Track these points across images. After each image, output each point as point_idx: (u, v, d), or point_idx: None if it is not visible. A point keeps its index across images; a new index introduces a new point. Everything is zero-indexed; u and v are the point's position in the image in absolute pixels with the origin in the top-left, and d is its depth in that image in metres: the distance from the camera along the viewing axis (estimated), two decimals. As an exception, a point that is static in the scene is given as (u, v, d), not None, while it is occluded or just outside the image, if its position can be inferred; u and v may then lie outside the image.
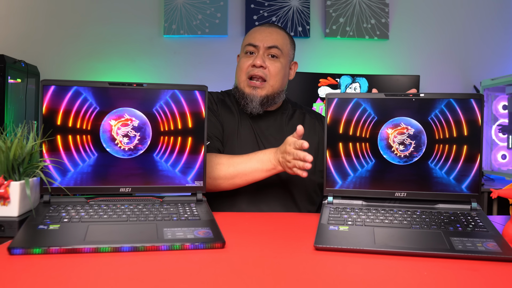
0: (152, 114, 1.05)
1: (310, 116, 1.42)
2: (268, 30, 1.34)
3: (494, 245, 0.82)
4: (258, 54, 1.31)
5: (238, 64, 1.36)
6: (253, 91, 1.30)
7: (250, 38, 1.34)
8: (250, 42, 1.33)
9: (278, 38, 1.33)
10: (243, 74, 1.32)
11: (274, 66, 1.31)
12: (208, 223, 0.92)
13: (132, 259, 0.76)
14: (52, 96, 1.00)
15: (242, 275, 0.70)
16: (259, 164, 1.18)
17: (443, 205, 1.04)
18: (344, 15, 3.10)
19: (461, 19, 3.19)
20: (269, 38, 1.32)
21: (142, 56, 3.08)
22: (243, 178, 1.18)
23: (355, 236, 0.87)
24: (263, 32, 1.33)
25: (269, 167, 1.17)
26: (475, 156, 1.04)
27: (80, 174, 1.02)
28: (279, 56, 1.33)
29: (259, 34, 1.33)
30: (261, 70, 1.30)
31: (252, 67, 1.30)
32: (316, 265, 0.76)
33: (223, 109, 1.36)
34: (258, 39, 1.32)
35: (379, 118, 1.08)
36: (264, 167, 1.17)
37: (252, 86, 1.30)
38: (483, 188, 2.51)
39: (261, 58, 1.30)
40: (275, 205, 1.28)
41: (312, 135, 1.37)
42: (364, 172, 1.08)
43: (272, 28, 1.35)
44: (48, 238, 0.80)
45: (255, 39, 1.32)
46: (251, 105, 1.31)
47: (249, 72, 1.31)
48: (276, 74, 1.32)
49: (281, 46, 1.32)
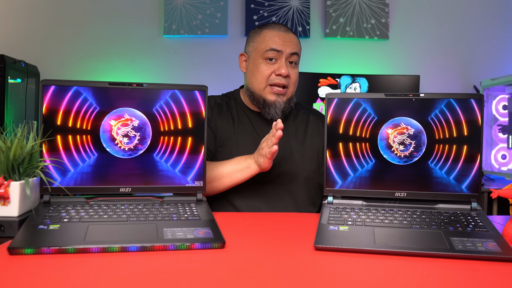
0: (152, 114, 1.05)
1: (314, 118, 1.41)
2: (289, 36, 1.31)
3: (494, 245, 0.82)
4: (281, 62, 1.29)
5: (258, 70, 1.30)
6: (277, 98, 1.29)
7: (272, 43, 1.29)
8: (273, 47, 1.28)
9: (298, 44, 1.33)
10: (264, 81, 1.29)
11: (294, 73, 1.31)
12: (208, 223, 0.92)
13: (132, 259, 0.76)
14: (52, 96, 1.00)
15: (242, 275, 0.70)
16: (234, 165, 1.20)
17: (443, 205, 1.04)
18: (344, 15, 3.10)
19: (461, 19, 3.19)
20: (291, 45, 1.30)
21: (142, 56, 3.08)
22: (221, 181, 1.21)
23: (355, 236, 0.87)
24: (284, 38, 1.30)
25: (243, 166, 1.19)
26: (475, 156, 1.04)
27: (80, 174, 1.02)
28: (297, 62, 1.33)
29: (281, 39, 1.29)
30: (285, 79, 1.29)
31: (277, 76, 1.28)
32: (316, 265, 0.76)
33: (219, 114, 1.35)
34: (281, 45, 1.29)
35: (379, 118, 1.08)
36: (239, 167, 1.20)
37: (276, 94, 1.29)
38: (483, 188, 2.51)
39: (286, 67, 1.28)
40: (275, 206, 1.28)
41: (315, 136, 1.37)
42: (364, 172, 1.08)
43: (291, 34, 1.33)
44: (48, 238, 0.80)
45: (278, 44, 1.29)
46: (273, 112, 1.30)
47: (273, 80, 1.29)
48: (295, 82, 1.33)
49: (299, 53, 1.33)
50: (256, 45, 1.33)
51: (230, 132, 1.33)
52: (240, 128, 1.34)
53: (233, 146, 1.31)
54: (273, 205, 1.27)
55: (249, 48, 1.36)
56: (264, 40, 1.31)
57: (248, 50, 1.36)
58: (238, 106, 1.38)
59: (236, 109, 1.37)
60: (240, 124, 1.35)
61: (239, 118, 1.36)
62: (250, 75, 1.33)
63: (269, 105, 1.30)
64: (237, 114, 1.36)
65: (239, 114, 1.36)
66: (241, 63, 1.39)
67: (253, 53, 1.33)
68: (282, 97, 1.30)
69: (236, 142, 1.31)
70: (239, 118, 1.35)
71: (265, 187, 1.27)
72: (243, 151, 1.28)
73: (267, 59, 1.29)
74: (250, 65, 1.34)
